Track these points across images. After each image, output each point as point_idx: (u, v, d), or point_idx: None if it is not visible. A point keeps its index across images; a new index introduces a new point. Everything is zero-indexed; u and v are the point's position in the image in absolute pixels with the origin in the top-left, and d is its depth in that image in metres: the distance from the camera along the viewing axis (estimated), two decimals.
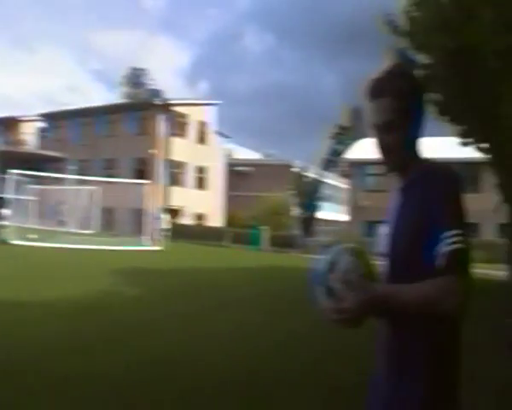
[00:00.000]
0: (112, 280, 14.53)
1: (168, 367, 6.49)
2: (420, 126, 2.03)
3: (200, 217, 46.26)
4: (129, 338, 7.96)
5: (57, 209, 36.87)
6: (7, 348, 6.92)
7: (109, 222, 36.10)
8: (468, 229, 1.84)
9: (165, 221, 33.58)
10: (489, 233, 34.42)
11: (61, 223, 34.84)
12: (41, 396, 5.20)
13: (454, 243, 1.77)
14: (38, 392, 5.32)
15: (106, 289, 12.82)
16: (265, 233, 37.59)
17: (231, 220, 48.23)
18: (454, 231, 1.78)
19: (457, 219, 1.84)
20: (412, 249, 1.90)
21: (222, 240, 39.57)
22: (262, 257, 29.29)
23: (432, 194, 1.86)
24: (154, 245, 28.20)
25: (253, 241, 38.12)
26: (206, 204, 46.21)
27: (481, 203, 29.33)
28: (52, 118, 50.97)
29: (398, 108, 1.94)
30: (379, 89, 1.99)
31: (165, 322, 9.43)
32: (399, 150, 1.98)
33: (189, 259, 24.09)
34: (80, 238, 25.67)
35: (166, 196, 40.43)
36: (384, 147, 2.00)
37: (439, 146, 33.18)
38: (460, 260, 1.77)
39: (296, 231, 40.59)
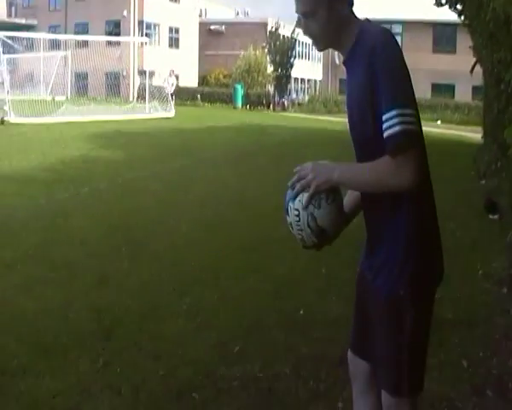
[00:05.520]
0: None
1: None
2: (343, 3, 1.94)
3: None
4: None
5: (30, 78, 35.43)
6: None
7: (83, 87, 35.21)
8: (414, 101, 1.82)
9: (172, 85, 31.88)
10: (465, 94, 34.64)
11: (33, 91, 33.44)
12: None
13: (399, 123, 1.73)
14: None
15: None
16: (241, 91, 38.07)
17: (205, 80, 48.10)
18: (396, 111, 1.74)
19: (401, 94, 1.79)
20: (363, 122, 1.90)
21: (197, 99, 39.89)
22: (241, 115, 29.54)
23: (374, 63, 1.80)
24: (164, 111, 26.64)
25: (231, 99, 38.67)
26: (179, 64, 45.75)
27: (457, 64, 29.84)
28: None
29: None
30: None
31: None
32: (323, 36, 1.97)
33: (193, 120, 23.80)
34: (77, 109, 24.12)
35: (140, 58, 39.98)
36: (308, 34, 1.99)
37: (416, 7, 33.41)
38: (406, 141, 1.75)
39: (271, 89, 40.95)
